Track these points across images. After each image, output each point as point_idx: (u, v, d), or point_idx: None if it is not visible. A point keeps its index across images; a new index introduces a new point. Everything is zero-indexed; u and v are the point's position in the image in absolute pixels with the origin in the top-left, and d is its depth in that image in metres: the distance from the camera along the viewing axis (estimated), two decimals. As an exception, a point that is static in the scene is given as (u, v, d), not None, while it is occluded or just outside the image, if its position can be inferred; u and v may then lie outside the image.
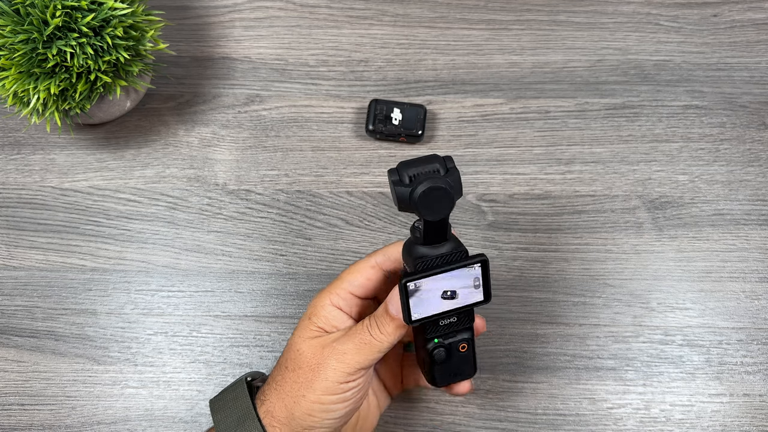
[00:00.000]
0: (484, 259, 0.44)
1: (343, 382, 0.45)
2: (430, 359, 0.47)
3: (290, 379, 0.46)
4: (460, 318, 0.46)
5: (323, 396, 0.45)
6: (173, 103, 0.66)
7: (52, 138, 0.65)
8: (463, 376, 0.49)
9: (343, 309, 0.48)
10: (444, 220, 0.42)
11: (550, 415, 0.58)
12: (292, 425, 0.46)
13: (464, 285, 0.44)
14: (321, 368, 0.45)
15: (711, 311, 0.60)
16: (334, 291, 0.48)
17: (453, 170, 0.42)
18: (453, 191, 0.41)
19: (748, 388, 0.58)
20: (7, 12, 0.53)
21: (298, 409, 0.46)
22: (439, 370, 0.48)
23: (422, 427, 0.58)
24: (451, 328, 0.47)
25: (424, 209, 0.41)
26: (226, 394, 0.49)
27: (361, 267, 0.48)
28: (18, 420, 0.58)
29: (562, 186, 0.63)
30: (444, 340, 0.47)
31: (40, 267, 0.62)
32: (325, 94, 0.66)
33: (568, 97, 0.66)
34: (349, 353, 0.45)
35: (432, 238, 0.43)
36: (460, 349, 0.47)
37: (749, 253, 0.61)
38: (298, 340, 0.47)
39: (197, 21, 0.68)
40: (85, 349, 0.60)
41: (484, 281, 0.45)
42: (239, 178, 0.64)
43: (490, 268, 0.44)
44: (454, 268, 0.43)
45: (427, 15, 0.68)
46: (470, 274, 0.44)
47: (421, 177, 0.41)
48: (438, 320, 0.46)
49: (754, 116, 0.65)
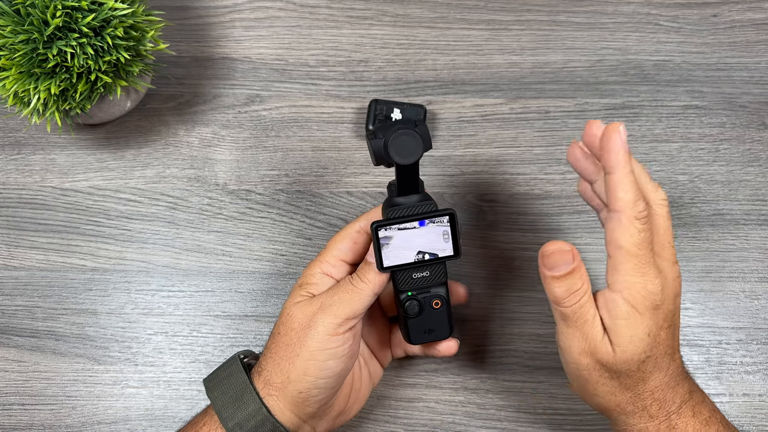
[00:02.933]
0: (451, 212, 0.48)
1: (334, 335, 0.47)
2: (404, 312, 0.50)
3: (283, 343, 0.48)
4: (432, 272, 0.49)
5: (316, 352, 0.47)
6: (173, 103, 0.66)
7: (52, 138, 0.65)
8: (438, 335, 0.52)
9: (333, 276, 0.50)
10: (415, 167, 0.47)
11: (550, 415, 0.58)
12: (289, 390, 0.47)
13: (435, 239, 0.48)
14: (311, 324, 0.47)
15: (710, 311, 0.60)
16: (324, 259, 0.50)
17: (422, 124, 0.47)
18: (422, 138, 0.45)
19: (748, 387, 0.58)
20: (8, 12, 0.53)
21: (294, 370, 0.47)
22: (413, 324, 0.51)
23: (422, 427, 0.58)
24: (424, 282, 0.50)
25: (396, 153, 0.45)
26: (220, 372, 0.50)
27: (346, 233, 0.51)
28: (18, 420, 0.58)
29: (562, 186, 0.64)
30: (417, 294, 0.50)
31: (41, 267, 0.62)
32: (326, 94, 0.66)
33: (567, 97, 0.66)
34: (335, 305, 0.47)
35: (404, 187, 0.48)
36: (433, 305, 0.50)
37: (749, 253, 0.62)
38: (288, 305, 0.49)
39: (197, 21, 0.69)
40: (86, 349, 0.60)
41: (453, 235, 0.48)
42: (239, 178, 0.64)
43: (457, 222, 0.48)
44: (424, 217, 0.47)
45: (427, 15, 0.69)
46: (440, 228, 0.48)
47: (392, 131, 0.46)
48: (411, 272, 0.49)
49: (754, 116, 0.65)
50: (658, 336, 0.44)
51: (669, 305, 0.45)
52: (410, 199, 0.48)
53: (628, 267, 0.43)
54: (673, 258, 0.46)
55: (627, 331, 0.44)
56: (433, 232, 0.48)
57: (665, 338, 0.45)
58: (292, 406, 0.47)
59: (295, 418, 0.48)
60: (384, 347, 0.56)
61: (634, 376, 0.45)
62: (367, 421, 0.58)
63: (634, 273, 0.43)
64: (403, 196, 0.48)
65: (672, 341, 0.46)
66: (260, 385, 0.48)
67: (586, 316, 0.45)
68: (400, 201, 0.48)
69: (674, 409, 0.46)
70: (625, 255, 0.43)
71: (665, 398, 0.46)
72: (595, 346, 0.45)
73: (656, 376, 0.45)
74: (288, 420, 0.47)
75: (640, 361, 0.45)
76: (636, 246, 0.43)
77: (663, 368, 0.46)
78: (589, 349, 0.45)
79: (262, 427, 0.47)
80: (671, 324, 0.46)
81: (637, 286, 0.43)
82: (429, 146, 0.46)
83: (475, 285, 0.61)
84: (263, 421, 0.47)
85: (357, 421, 0.58)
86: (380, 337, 0.55)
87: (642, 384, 0.46)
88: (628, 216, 0.43)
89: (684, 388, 0.47)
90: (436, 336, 0.51)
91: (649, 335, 0.44)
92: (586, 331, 0.45)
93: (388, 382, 0.59)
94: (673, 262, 0.46)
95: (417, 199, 0.48)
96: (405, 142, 0.45)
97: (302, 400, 0.47)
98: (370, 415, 0.58)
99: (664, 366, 0.46)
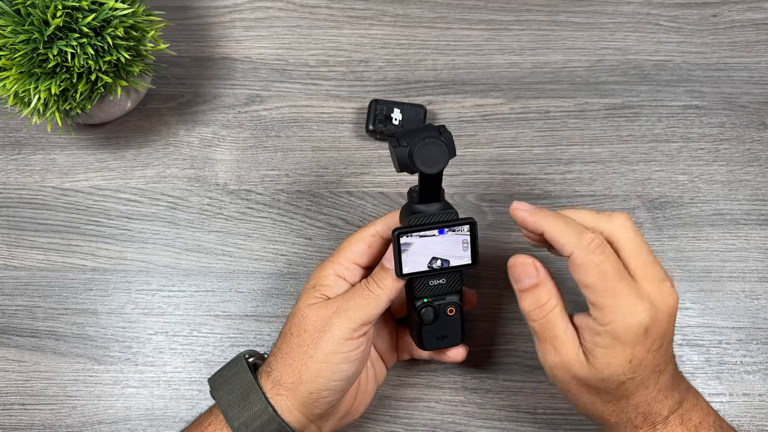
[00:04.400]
0: (472, 221, 0.48)
1: (349, 339, 0.47)
2: (419, 319, 0.50)
3: (296, 344, 0.48)
4: (449, 280, 0.49)
5: (330, 355, 0.46)
6: (174, 103, 0.66)
7: (52, 138, 0.65)
8: (450, 342, 0.52)
9: (347, 278, 0.50)
10: (439, 177, 0.46)
11: (550, 415, 0.58)
12: (299, 390, 0.47)
13: (453, 247, 0.48)
14: (326, 328, 0.47)
15: (710, 311, 0.60)
16: (337, 261, 0.50)
17: (446, 132, 0.46)
18: (447, 147, 0.45)
19: (748, 387, 0.58)
20: (8, 12, 0.53)
21: (306, 372, 0.47)
22: (427, 331, 0.50)
23: (422, 427, 0.58)
24: (440, 290, 0.49)
25: (421, 163, 0.45)
26: (226, 371, 0.50)
27: (361, 236, 0.51)
28: (19, 420, 0.58)
29: (562, 186, 0.64)
30: (433, 301, 0.50)
31: (41, 267, 0.62)
32: (326, 94, 0.66)
33: (567, 97, 0.66)
34: (351, 310, 0.47)
35: (427, 195, 0.47)
36: (448, 312, 0.50)
37: (749, 253, 0.62)
38: (302, 306, 0.49)
39: (197, 21, 0.69)
40: (86, 349, 0.60)
41: (472, 244, 0.48)
42: (240, 178, 0.64)
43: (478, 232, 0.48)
44: (445, 225, 0.47)
45: (427, 15, 0.69)
46: (459, 237, 0.48)
47: (417, 139, 0.45)
48: (428, 279, 0.49)
49: (754, 116, 0.65)
50: (644, 359, 0.43)
51: (661, 326, 0.43)
52: (432, 207, 0.48)
53: (601, 302, 0.43)
54: (659, 276, 0.44)
55: (604, 359, 0.43)
56: (451, 240, 0.48)
57: (653, 360, 0.43)
58: (301, 406, 0.47)
59: (303, 418, 0.48)
60: (391, 349, 0.56)
61: (614, 393, 0.44)
62: (367, 421, 0.58)
63: (610, 307, 0.42)
64: (424, 204, 0.48)
65: (663, 358, 0.44)
66: (269, 385, 0.48)
67: (555, 331, 0.45)
68: (422, 209, 0.48)
69: (661, 420, 0.45)
70: (594, 292, 0.43)
71: (651, 411, 0.45)
72: (569, 361, 0.45)
73: (641, 393, 0.44)
74: (295, 419, 0.47)
75: (619, 382, 0.44)
76: (600, 280, 0.42)
77: (649, 385, 0.44)
78: (563, 363, 0.45)
79: (267, 426, 0.47)
80: (662, 344, 0.44)
81: (617, 320, 0.42)
82: (454, 154, 0.46)
83: (475, 285, 0.61)
84: (269, 420, 0.47)
85: (358, 420, 0.58)
86: (388, 340, 0.55)
87: (625, 400, 0.45)
88: (578, 255, 0.43)
89: (674, 399, 0.45)
90: (449, 342, 0.51)
91: (630, 362, 0.43)
92: (557, 346, 0.45)
93: (388, 382, 0.59)
94: (659, 281, 0.44)
95: (438, 207, 0.48)
96: (431, 151, 0.45)
97: (312, 401, 0.47)
98: (370, 415, 0.58)
99: (651, 383, 0.44)
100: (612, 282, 0.42)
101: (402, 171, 0.47)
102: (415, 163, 0.45)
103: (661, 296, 0.43)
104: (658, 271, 0.44)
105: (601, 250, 0.43)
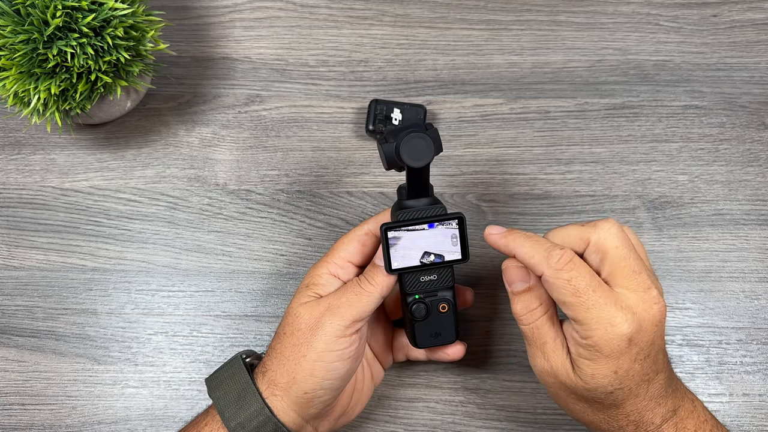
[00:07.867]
0: (460, 216, 0.48)
1: (341, 337, 0.47)
2: (410, 315, 0.50)
3: (289, 343, 0.48)
4: (440, 276, 0.49)
5: (323, 353, 0.47)
6: (173, 103, 0.66)
7: (52, 138, 0.65)
8: (444, 339, 0.51)
9: (340, 277, 0.50)
10: (426, 171, 0.47)
11: (550, 415, 0.58)
12: (294, 390, 0.47)
13: (443, 242, 0.48)
14: (318, 326, 0.47)
15: (710, 311, 0.60)
16: (331, 260, 0.50)
17: (432, 128, 0.47)
18: (433, 141, 0.46)
19: (748, 387, 0.58)
20: (8, 12, 0.53)
21: (300, 371, 0.47)
22: (419, 328, 0.50)
23: (422, 427, 0.58)
24: (432, 286, 0.49)
25: (407, 156, 0.45)
26: (222, 372, 0.50)
27: (354, 234, 0.51)
28: (18, 420, 0.58)
29: (562, 186, 0.64)
30: (424, 297, 0.50)
31: (41, 267, 0.62)
32: (325, 94, 0.66)
33: (567, 98, 0.66)
34: (343, 307, 0.47)
35: (414, 191, 0.48)
36: (440, 309, 0.50)
37: (749, 253, 0.62)
38: (295, 305, 0.49)
39: (197, 21, 0.69)
40: (86, 349, 0.60)
41: (462, 239, 0.48)
42: (239, 178, 0.64)
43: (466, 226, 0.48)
44: (433, 220, 0.47)
45: (427, 15, 0.69)
46: (448, 231, 0.48)
47: (403, 134, 0.46)
48: (418, 275, 0.49)
49: (754, 116, 0.65)
50: (631, 370, 0.43)
51: (647, 335, 0.43)
52: (420, 202, 0.48)
53: (579, 317, 0.43)
54: (644, 285, 0.43)
55: (589, 370, 0.43)
56: (441, 235, 0.48)
57: (640, 369, 0.43)
58: (296, 407, 0.47)
59: (298, 419, 0.48)
60: (386, 350, 0.56)
61: (603, 402, 0.44)
62: (367, 421, 0.58)
63: (588, 321, 0.42)
64: (412, 200, 0.48)
65: (652, 367, 0.44)
66: (264, 385, 0.48)
67: (545, 338, 0.45)
68: (410, 204, 0.48)
69: (653, 429, 0.45)
70: (570, 308, 0.43)
71: (642, 420, 0.45)
72: (557, 369, 0.45)
73: (630, 402, 0.44)
74: (291, 420, 0.47)
75: (607, 392, 0.44)
76: (572, 295, 0.42)
77: (639, 394, 0.44)
78: (552, 370, 0.45)
79: (264, 427, 0.47)
80: (649, 354, 0.43)
81: (597, 333, 0.42)
82: (440, 149, 0.47)
83: (475, 285, 0.61)
84: (265, 421, 0.47)
85: (357, 420, 0.58)
86: (384, 340, 0.55)
87: (614, 408, 0.45)
88: (548, 274, 0.44)
89: (667, 407, 0.45)
90: (442, 340, 0.51)
91: (616, 373, 0.43)
92: (547, 352, 0.45)
93: (388, 382, 0.59)
94: (644, 289, 0.43)
95: (426, 203, 0.48)
96: (416, 145, 0.46)
97: (307, 401, 0.47)
98: (370, 415, 0.58)
99: (641, 392, 0.44)
100: (585, 296, 0.42)
101: (390, 168, 0.47)
102: (402, 157, 0.45)
103: (644, 305, 0.43)
104: (642, 279, 0.43)
105: (571, 266, 0.43)
